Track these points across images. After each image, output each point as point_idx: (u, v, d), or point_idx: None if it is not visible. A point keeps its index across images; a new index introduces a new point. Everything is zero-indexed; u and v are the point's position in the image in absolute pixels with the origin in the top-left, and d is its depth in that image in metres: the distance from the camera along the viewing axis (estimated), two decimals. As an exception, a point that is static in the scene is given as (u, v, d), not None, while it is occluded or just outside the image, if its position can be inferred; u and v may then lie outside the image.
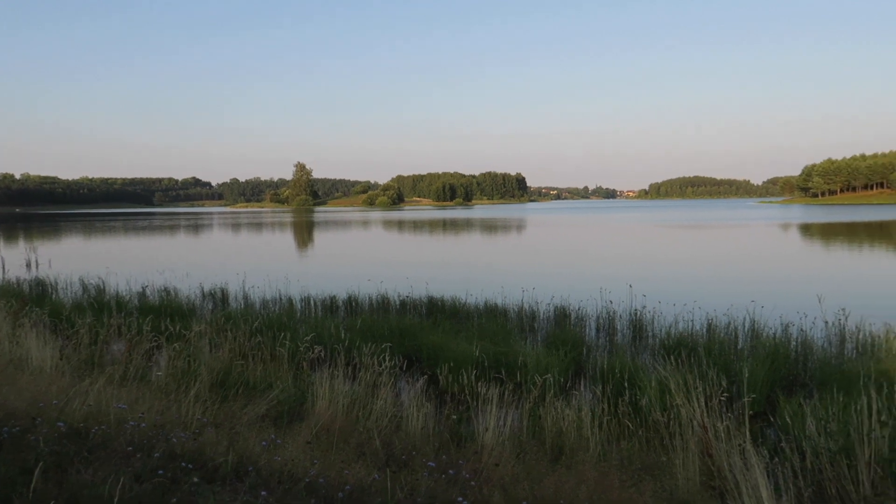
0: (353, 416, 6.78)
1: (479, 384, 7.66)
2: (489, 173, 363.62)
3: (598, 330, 15.86)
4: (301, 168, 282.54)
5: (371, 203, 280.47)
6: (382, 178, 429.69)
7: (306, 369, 10.33)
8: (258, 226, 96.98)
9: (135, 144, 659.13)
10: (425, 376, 11.09)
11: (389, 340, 12.38)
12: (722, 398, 6.33)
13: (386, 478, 4.60)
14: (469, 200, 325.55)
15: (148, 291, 20.45)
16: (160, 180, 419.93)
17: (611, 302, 16.45)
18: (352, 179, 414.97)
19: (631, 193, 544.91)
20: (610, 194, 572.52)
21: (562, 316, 16.46)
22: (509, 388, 8.16)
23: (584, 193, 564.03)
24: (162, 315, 15.14)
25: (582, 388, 10.59)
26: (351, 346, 11.80)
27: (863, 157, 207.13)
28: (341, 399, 7.08)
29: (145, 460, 4.88)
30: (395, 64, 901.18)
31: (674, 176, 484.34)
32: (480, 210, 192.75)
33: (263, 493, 4.34)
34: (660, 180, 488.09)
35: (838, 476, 5.45)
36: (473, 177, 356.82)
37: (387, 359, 8.90)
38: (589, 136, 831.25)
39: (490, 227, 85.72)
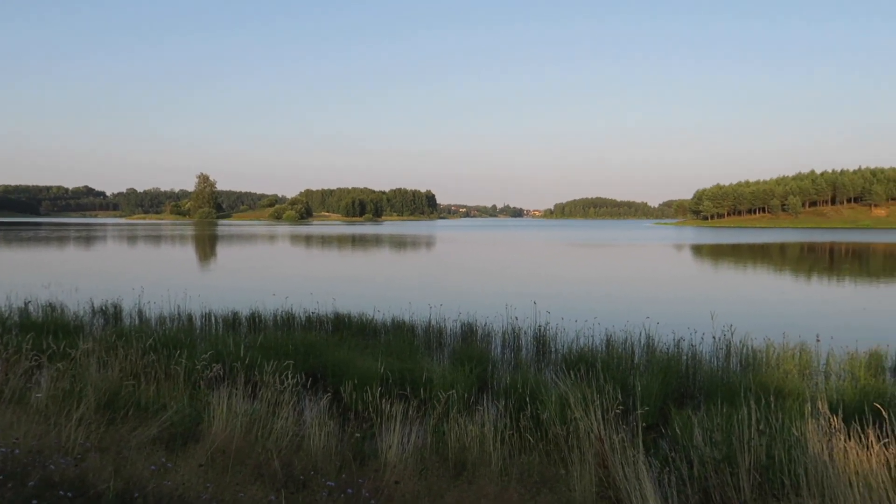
0: (251, 437, 6.54)
1: (384, 401, 7.60)
2: (399, 189, 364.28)
3: (503, 346, 16.13)
4: (204, 179, 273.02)
5: (278, 217, 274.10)
6: (290, 192, 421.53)
7: (203, 389, 9.90)
8: (157, 238, 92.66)
9: (19, 148, 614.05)
10: (329, 394, 10.88)
11: (293, 357, 12.08)
12: (617, 411, 6.57)
13: (282, 499, 4.46)
14: (379, 216, 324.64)
15: (31, 307, 19.05)
16: (48, 188, 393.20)
17: (516, 318, 16.80)
18: (258, 192, 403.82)
19: (537, 213, 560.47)
20: (517, 213, 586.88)
21: (469, 332, 16.64)
22: (414, 405, 8.14)
23: (492, 212, 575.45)
24: (45, 332, 14.14)
25: (486, 404, 10.72)
26: (252, 363, 11.42)
27: (747, 183, 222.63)
28: (240, 419, 6.83)
29: (18, 489, 4.51)
30: (305, 77, 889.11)
31: (577, 196, 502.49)
32: (390, 226, 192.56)
33: (149, 519, 4.10)
34: (564, 201, 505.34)
35: (722, 483, 5.77)
36: (383, 193, 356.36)
37: (289, 376, 8.67)
38: (498, 155, 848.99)
39: (399, 243, 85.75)
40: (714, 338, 14.83)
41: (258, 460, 5.79)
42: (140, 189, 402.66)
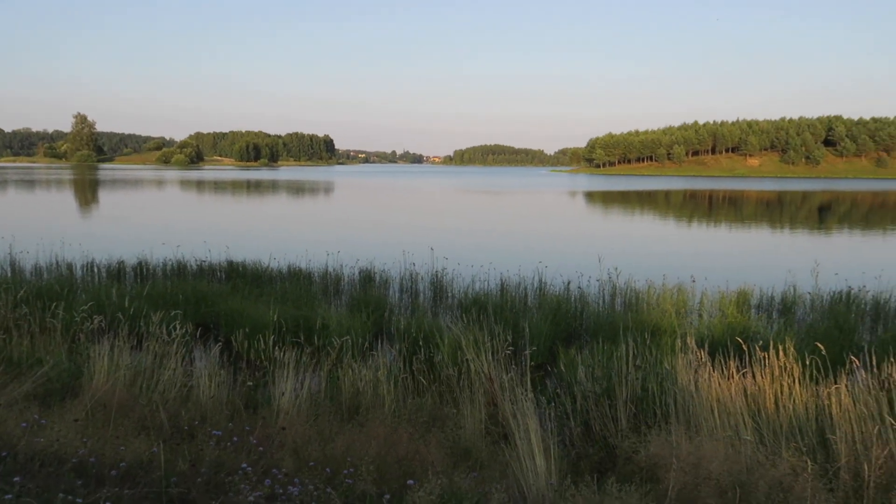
0: (136, 390, 6.30)
1: (277, 349, 7.50)
2: (296, 134, 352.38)
3: (401, 291, 16.25)
4: (82, 119, 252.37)
5: (166, 161, 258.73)
6: (179, 135, 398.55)
7: (84, 342, 9.39)
8: (30, 183, 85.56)
9: None
10: (221, 343, 10.63)
11: (183, 307, 11.66)
12: (507, 352, 6.83)
13: (162, 451, 4.34)
14: (275, 161, 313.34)
15: None
16: None
17: (414, 265, 16.90)
18: (144, 135, 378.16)
19: (437, 159, 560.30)
20: (417, 159, 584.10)
21: (367, 279, 16.62)
22: (308, 352, 8.10)
23: (391, 158, 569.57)
24: None
25: (380, 349, 10.83)
26: (138, 314, 10.92)
27: (637, 133, 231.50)
28: (122, 372, 6.54)
29: None
30: (191, 13, 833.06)
31: (476, 144, 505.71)
32: (286, 171, 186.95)
33: (17, 478, 3.88)
34: (463, 147, 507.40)
35: (602, 415, 6.16)
36: (279, 137, 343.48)
37: (178, 327, 8.36)
38: (399, 101, 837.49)
39: (297, 189, 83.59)
40: (600, 280, 15.57)
41: (142, 413, 5.60)
42: (8, 129, 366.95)
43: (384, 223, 38.90)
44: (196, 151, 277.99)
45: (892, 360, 6.16)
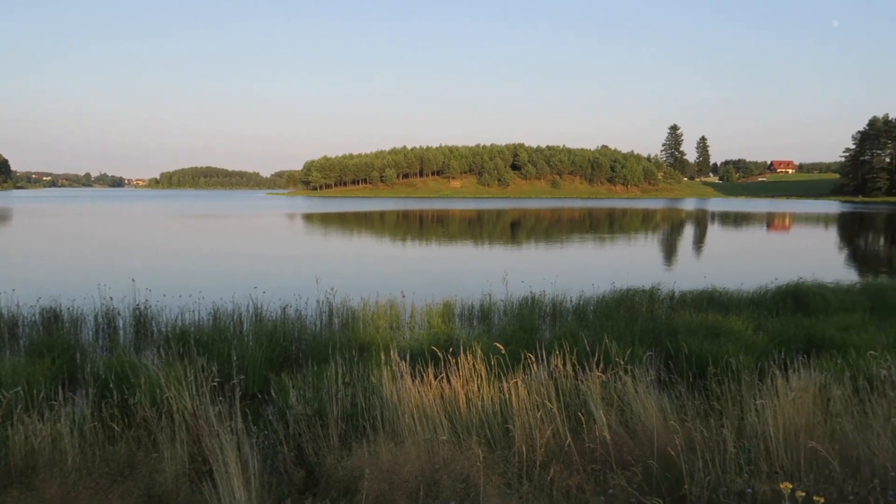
0: None
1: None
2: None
3: (96, 331, 14.52)
4: None
5: None
6: None
7: None
8: None
9: None
10: None
11: None
12: (214, 384, 6.50)
13: None
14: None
15: None
16: None
17: (111, 298, 15.24)
18: None
19: (141, 182, 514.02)
20: (117, 183, 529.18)
21: (52, 319, 14.54)
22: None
23: (85, 181, 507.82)
24: None
25: (64, 398, 9.53)
26: None
27: (351, 156, 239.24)
28: None
29: None
30: None
31: (186, 166, 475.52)
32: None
33: None
34: (172, 170, 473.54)
35: (314, 436, 6.18)
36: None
37: None
38: (93, 117, 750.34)
39: (-43, 218, 69.92)
40: (318, 301, 15.69)
41: None
42: None
43: (74, 253, 34.43)
44: None
45: (557, 352, 7.23)
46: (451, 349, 7.33)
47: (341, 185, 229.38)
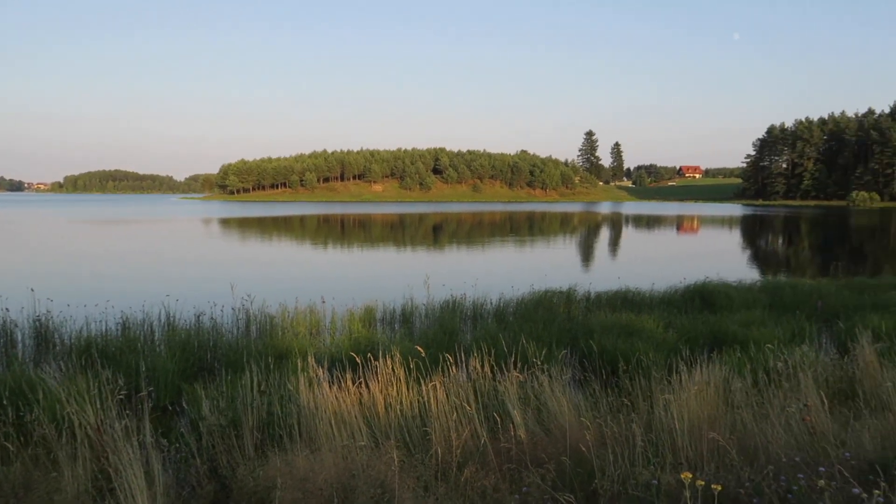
0: None
1: None
2: None
3: (-10, 344, 13.59)
4: None
5: None
6: None
7: None
8: None
9: None
10: None
11: None
12: (120, 396, 6.21)
13: None
14: None
15: None
16: None
17: (7, 310, 14.30)
18: None
19: (43, 186, 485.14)
20: (16, 187, 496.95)
21: (-69, 334, 13.51)
22: None
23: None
24: None
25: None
26: None
27: (269, 159, 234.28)
28: None
29: None
30: None
31: (93, 169, 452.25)
32: None
33: None
34: (77, 173, 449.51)
35: (228, 447, 6.01)
36: None
37: None
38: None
39: None
40: (234, 309, 15.26)
41: None
42: None
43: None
44: None
45: (476, 354, 7.32)
46: (370, 354, 7.28)
47: (260, 190, 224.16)
